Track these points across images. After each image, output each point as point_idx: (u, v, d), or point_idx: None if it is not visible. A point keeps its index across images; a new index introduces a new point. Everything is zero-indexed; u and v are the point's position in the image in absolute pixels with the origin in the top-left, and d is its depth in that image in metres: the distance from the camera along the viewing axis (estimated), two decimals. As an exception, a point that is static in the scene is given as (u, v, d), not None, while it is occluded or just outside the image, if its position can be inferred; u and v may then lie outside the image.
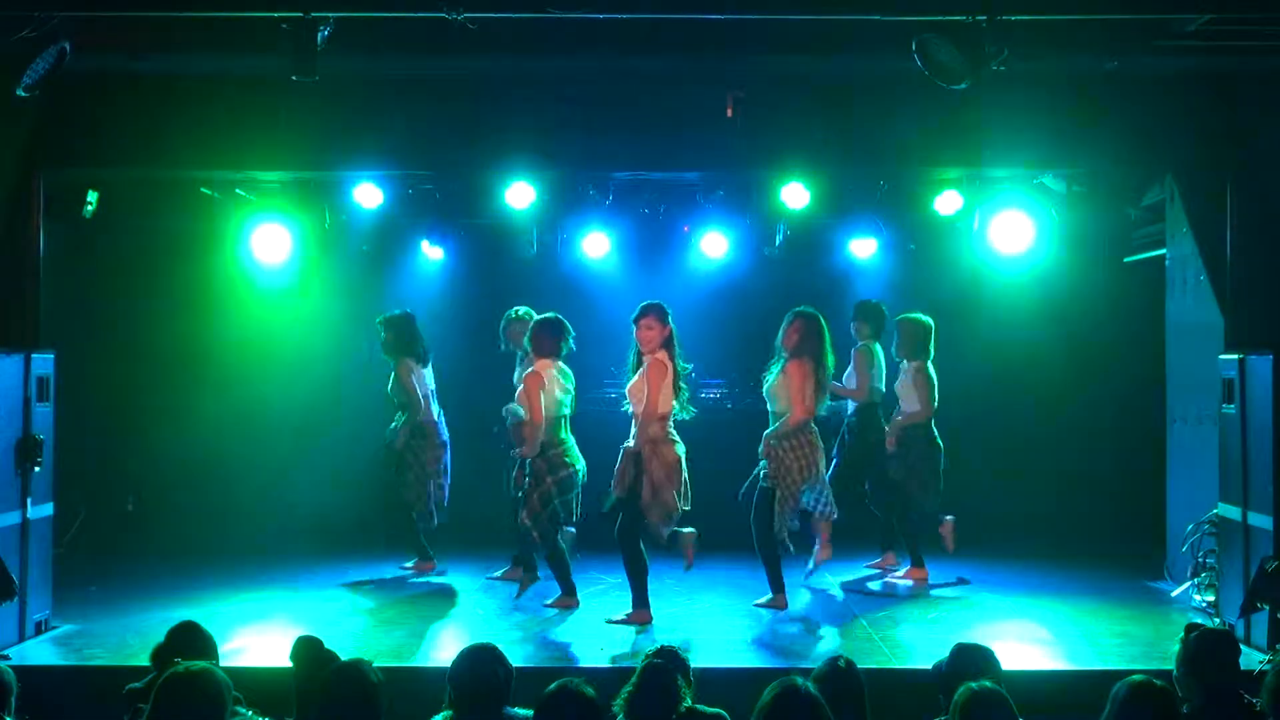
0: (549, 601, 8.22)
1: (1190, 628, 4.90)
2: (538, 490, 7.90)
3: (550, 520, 7.92)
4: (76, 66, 6.80)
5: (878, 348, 9.36)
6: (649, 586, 7.87)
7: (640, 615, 7.75)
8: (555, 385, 8.00)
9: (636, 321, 7.80)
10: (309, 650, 4.89)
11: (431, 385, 9.47)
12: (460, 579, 9.27)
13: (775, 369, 8.18)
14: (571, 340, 8.16)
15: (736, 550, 8.63)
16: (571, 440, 8.09)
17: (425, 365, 9.47)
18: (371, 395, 10.85)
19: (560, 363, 8.14)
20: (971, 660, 4.57)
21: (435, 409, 9.45)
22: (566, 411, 8.10)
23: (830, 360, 8.21)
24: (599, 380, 10.59)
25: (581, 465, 8.06)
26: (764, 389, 8.25)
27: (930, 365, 9.09)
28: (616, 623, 7.72)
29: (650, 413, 7.68)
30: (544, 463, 7.94)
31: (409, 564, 9.52)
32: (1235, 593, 7.39)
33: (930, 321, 9.20)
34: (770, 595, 8.18)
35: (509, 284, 10.78)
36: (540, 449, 7.93)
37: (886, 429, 9.17)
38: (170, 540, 10.26)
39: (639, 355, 7.84)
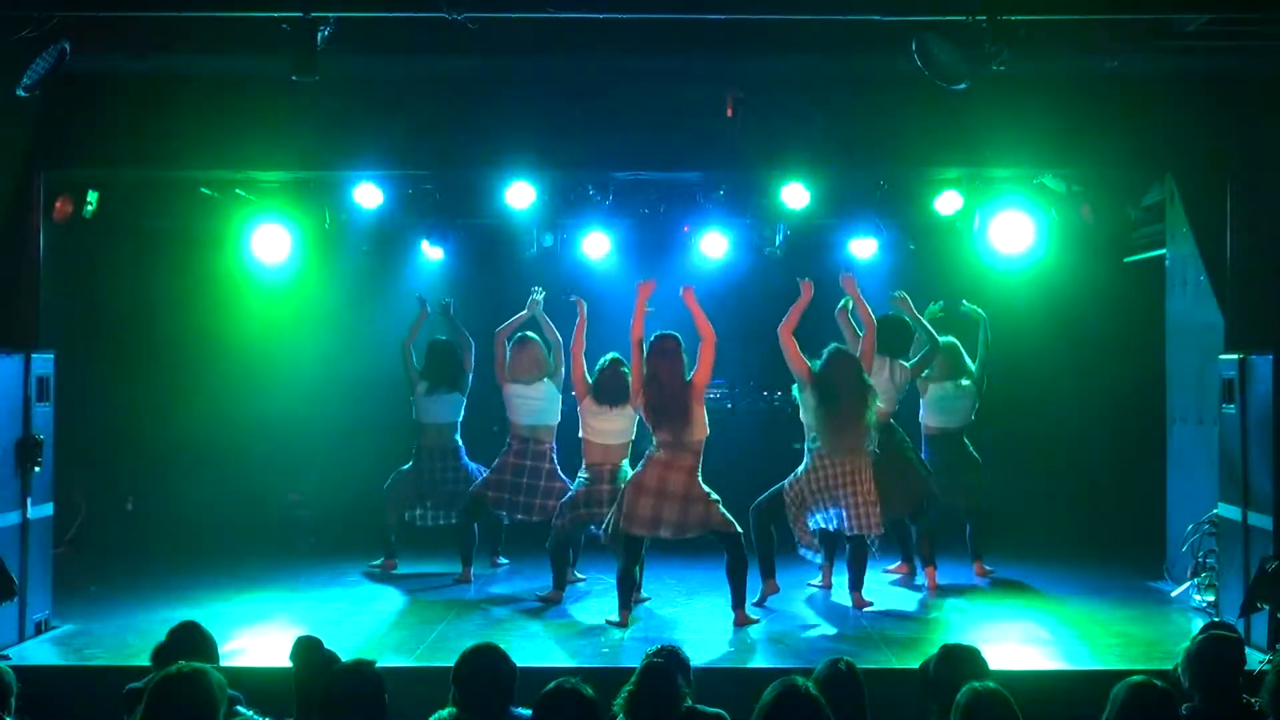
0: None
1: (1207, 627, 4.90)
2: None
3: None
4: (76, 66, 6.81)
5: None
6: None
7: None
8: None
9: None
10: (309, 650, 4.89)
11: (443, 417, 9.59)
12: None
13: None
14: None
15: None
16: None
17: (428, 394, 9.54)
18: (371, 395, 10.87)
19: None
20: (959, 660, 4.56)
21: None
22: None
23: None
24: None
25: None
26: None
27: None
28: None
29: None
30: None
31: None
32: (1235, 593, 7.38)
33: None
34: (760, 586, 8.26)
35: (509, 284, 10.78)
36: None
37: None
38: (170, 540, 10.26)
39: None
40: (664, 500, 7.69)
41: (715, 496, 7.81)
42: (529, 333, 9.16)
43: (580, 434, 8.37)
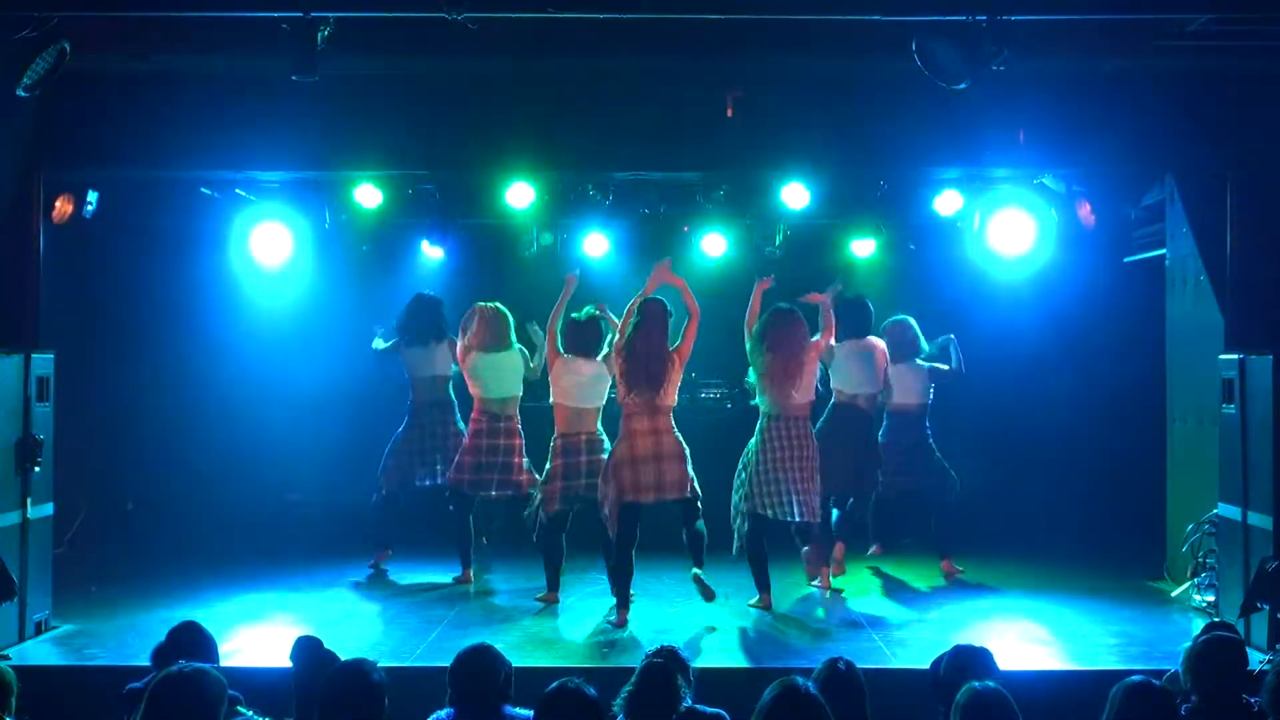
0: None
1: (1207, 627, 4.89)
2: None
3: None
4: (76, 66, 6.80)
5: None
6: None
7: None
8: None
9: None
10: (309, 650, 4.89)
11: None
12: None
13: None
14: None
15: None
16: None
17: (411, 346, 9.47)
18: (371, 395, 10.87)
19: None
20: (969, 661, 4.56)
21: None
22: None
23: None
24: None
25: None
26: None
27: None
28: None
29: None
30: None
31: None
32: (1235, 593, 7.38)
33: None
34: (758, 595, 8.26)
35: (509, 284, 10.78)
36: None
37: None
38: (170, 540, 10.25)
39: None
40: (661, 462, 7.83)
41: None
42: (491, 303, 9.07)
43: (551, 400, 8.35)
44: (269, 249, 10.24)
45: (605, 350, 8.34)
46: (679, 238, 11.12)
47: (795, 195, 9.40)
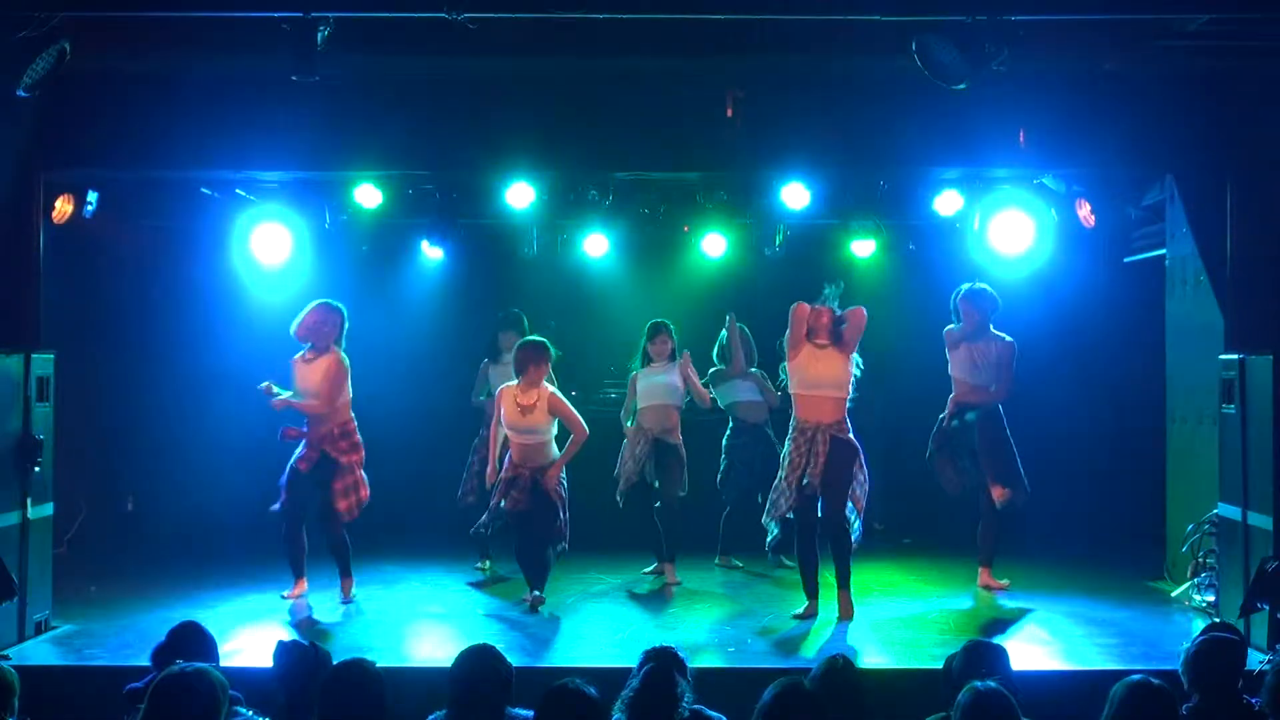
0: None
1: (1207, 627, 4.90)
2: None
3: None
4: (76, 66, 6.80)
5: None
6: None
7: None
8: None
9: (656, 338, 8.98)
10: (291, 654, 4.86)
11: None
12: (459, 579, 9.26)
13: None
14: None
15: (737, 551, 8.67)
16: None
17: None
18: (371, 394, 10.86)
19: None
20: (981, 659, 4.56)
21: None
22: None
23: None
24: (599, 380, 10.58)
25: None
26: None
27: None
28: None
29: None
30: None
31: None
32: (1235, 593, 7.38)
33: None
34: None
35: (509, 284, 10.78)
36: None
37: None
38: (170, 540, 10.25)
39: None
40: None
41: None
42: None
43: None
44: (269, 249, 10.22)
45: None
46: (679, 238, 11.12)
47: (795, 195, 9.40)
